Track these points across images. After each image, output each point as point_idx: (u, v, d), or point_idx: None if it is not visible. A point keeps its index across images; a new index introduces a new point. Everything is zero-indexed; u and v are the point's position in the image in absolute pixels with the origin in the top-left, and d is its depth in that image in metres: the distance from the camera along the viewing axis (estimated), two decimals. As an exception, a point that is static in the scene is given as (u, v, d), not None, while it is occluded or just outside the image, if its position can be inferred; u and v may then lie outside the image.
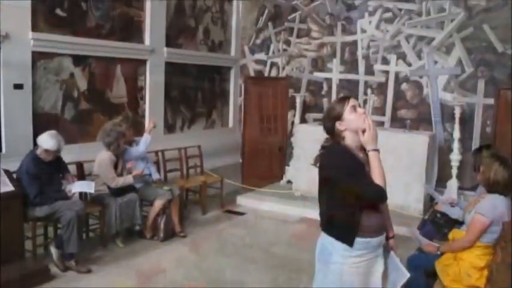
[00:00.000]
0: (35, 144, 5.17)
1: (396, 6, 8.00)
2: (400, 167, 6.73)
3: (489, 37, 7.29)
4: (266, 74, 9.42)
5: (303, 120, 8.73)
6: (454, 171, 7.26)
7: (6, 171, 4.94)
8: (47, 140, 4.99)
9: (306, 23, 8.89)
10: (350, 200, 2.57)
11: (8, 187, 4.76)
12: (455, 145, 7.20)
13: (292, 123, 8.91)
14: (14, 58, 5.63)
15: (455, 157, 7.22)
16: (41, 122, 5.91)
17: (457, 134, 7.17)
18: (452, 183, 7.27)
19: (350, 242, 2.60)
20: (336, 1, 8.55)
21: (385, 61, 8.16)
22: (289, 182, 8.58)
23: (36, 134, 5.38)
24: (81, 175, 5.85)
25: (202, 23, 8.74)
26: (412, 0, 7.86)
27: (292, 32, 9.04)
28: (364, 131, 2.63)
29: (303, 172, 7.48)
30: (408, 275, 2.85)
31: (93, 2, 6.60)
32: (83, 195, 5.76)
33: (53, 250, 4.97)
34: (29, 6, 5.73)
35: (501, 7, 7.19)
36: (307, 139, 7.12)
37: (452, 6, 7.55)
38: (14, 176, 4.98)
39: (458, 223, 4.23)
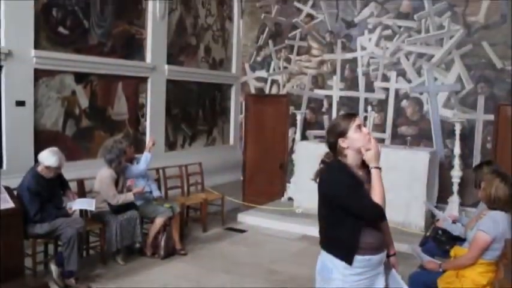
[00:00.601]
0: (36, 161, 5.18)
1: (396, 24, 8.06)
2: (401, 183, 6.72)
3: (488, 54, 7.34)
4: (267, 92, 9.47)
5: (304, 138, 8.74)
6: (455, 188, 7.26)
7: (7, 188, 4.93)
8: (48, 157, 4.99)
9: (306, 40, 8.96)
10: (349, 217, 2.57)
11: (9, 204, 4.75)
12: (456, 161, 7.22)
13: (293, 140, 8.92)
14: (16, 75, 5.68)
15: (456, 173, 7.23)
16: (42, 139, 5.93)
17: (457, 150, 7.18)
18: (454, 200, 7.27)
19: (349, 260, 2.59)
20: (336, 19, 8.63)
21: (385, 78, 8.20)
22: (290, 199, 8.57)
23: (37, 151, 5.38)
24: (82, 192, 5.85)
25: (204, 41, 8.82)
26: (411, 18, 7.93)
27: (293, 49, 9.11)
28: (367, 149, 2.64)
29: (304, 189, 7.45)
30: (410, 292, 2.83)
31: (95, 20, 6.67)
32: (83, 213, 5.75)
33: (53, 268, 4.95)
34: (31, 24, 5.79)
35: (500, 24, 7.25)
36: (308, 156, 7.10)
37: (451, 24, 7.61)
38: (15, 192, 4.97)
39: (460, 240, 4.22)
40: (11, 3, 5.56)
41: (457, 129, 7.17)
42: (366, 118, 8.20)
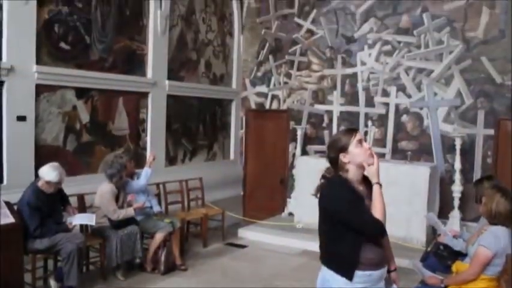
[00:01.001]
0: (37, 176, 5.18)
1: (395, 39, 8.11)
2: (401, 198, 6.71)
3: (487, 69, 7.37)
4: (267, 107, 9.49)
5: (304, 153, 8.74)
6: (456, 203, 7.24)
7: (7, 203, 4.94)
8: (49, 172, 5.00)
9: (306, 56, 9.01)
10: (349, 233, 2.56)
11: (9, 219, 4.75)
12: (457, 176, 7.21)
13: (294, 155, 8.91)
14: (18, 90, 5.70)
15: (457, 188, 7.22)
16: (43, 154, 5.93)
17: (458, 165, 7.18)
18: (455, 215, 7.24)
19: (350, 276, 2.58)
20: (336, 34, 8.68)
21: (385, 93, 8.23)
22: (290, 214, 8.55)
23: (38, 165, 5.40)
24: (82, 207, 5.84)
25: (204, 56, 8.86)
26: (411, 33, 7.98)
27: (293, 64, 9.15)
28: (370, 164, 2.64)
29: (305, 204, 7.44)
30: (411, 307, 2.82)
31: (97, 36, 6.71)
32: (83, 228, 5.73)
33: (53, 283, 4.94)
34: (33, 39, 5.83)
35: (498, 39, 7.30)
36: (309, 171, 7.10)
37: (451, 39, 7.66)
38: (15, 207, 4.97)
39: (461, 255, 4.20)
40: (13, 18, 5.60)
41: (458, 144, 7.18)
42: (366, 133, 8.20)
